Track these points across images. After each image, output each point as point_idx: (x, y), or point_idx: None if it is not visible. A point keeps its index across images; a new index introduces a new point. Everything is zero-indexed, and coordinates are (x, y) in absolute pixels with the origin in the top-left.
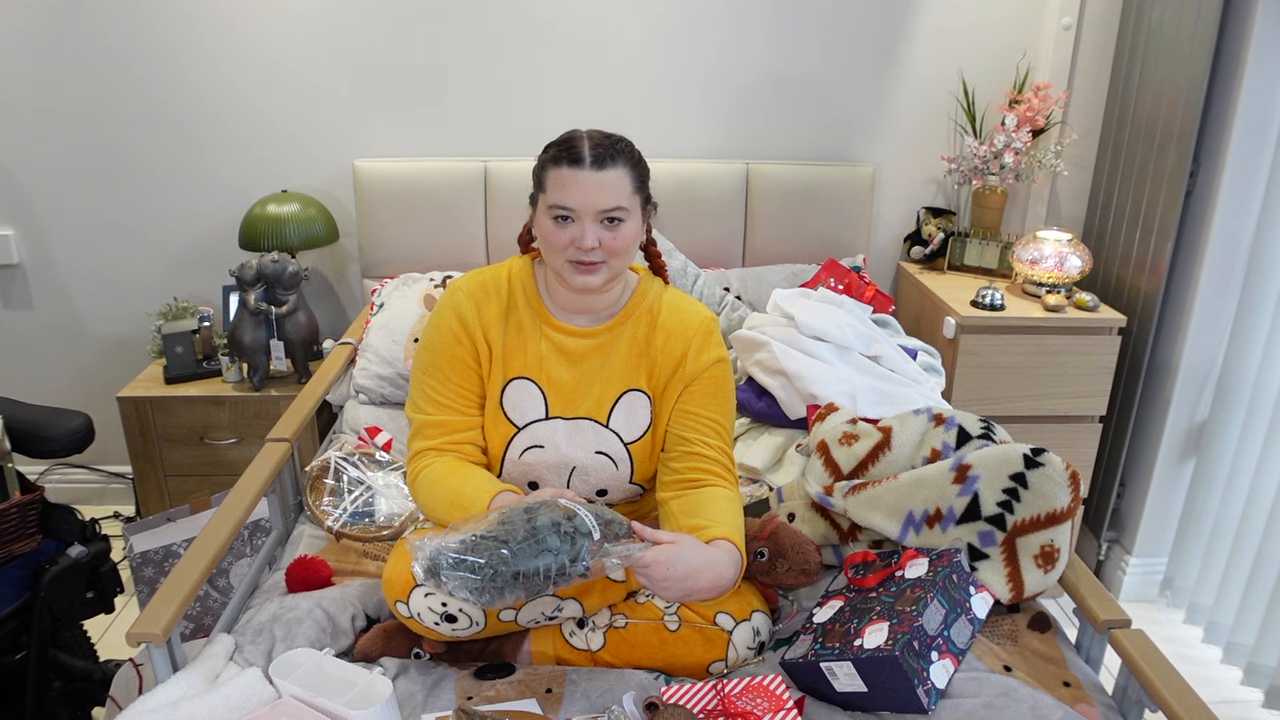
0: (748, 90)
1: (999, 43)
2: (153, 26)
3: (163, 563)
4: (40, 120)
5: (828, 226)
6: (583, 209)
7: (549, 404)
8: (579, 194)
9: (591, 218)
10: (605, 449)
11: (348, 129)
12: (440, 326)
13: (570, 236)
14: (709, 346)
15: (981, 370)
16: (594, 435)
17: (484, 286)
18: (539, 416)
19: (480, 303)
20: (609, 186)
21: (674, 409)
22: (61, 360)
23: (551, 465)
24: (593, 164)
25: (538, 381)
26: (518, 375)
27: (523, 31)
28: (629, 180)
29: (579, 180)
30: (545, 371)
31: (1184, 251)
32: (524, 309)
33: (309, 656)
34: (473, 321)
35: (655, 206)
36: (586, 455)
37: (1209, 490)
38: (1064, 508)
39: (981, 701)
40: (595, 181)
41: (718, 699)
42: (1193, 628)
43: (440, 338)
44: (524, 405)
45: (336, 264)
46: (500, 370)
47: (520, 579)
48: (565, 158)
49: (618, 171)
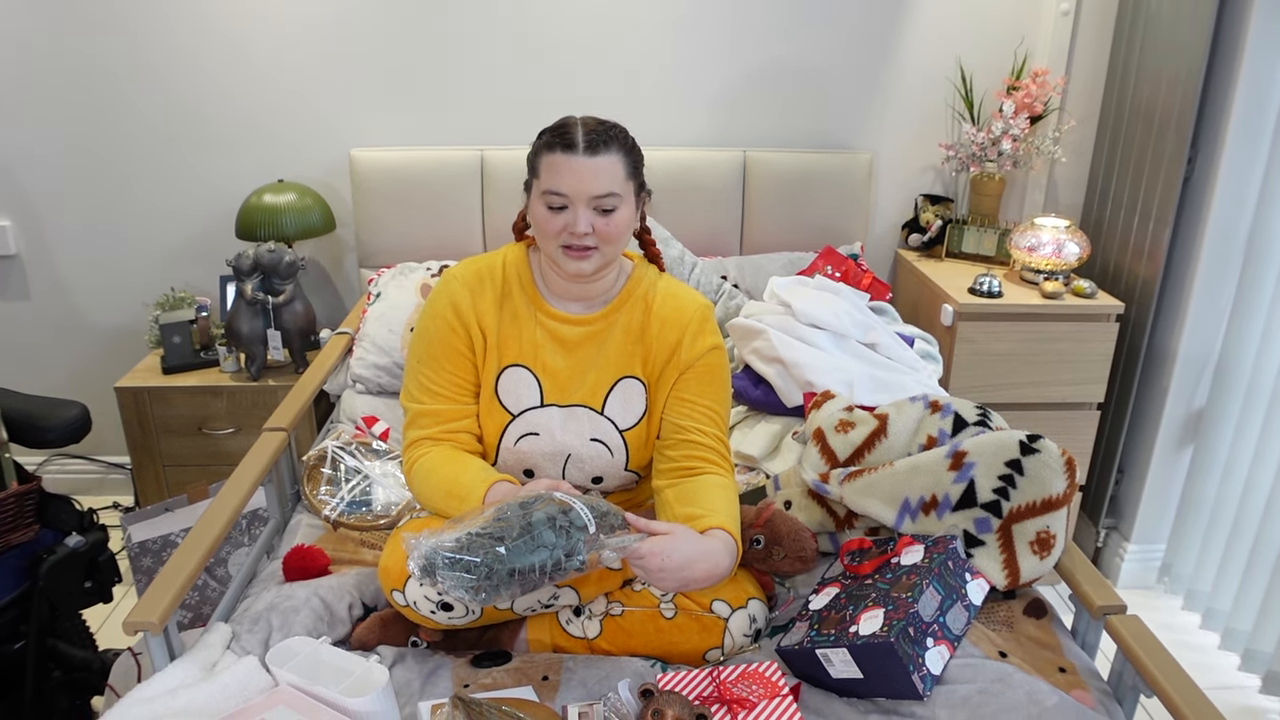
0: (745, 78)
1: (997, 29)
2: (151, 18)
3: (161, 552)
4: (37, 111)
5: (825, 214)
6: (576, 194)
7: (544, 391)
8: (572, 179)
9: (584, 203)
10: (600, 436)
11: (344, 118)
12: (435, 315)
13: (563, 222)
14: (704, 334)
15: (979, 357)
16: (589, 422)
17: (479, 274)
18: (534, 404)
19: (475, 291)
20: (602, 172)
21: (670, 396)
22: (59, 351)
23: (547, 453)
24: (586, 150)
25: (533, 369)
26: (513, 363)
27: (519, 19)
28: (622, 166)
29: (572, 166)
30: (540, 359)
31: (1182, 238)
32: (519, 296)
33: (306, 645)
34: (467, 310)
35: (649, 194)
36: (582, 442)
37: (1207, 477)
38: (1060, 494)
39: (977, 687)
40: (588, 167)
41: (714, 685)
42: (1191, 614)
43: (435, 326)
44: (519, 392)
45: (333, 254)
46: (495, 357)
47: (516, 576)
48: (559, 143)
49: (611, 157)
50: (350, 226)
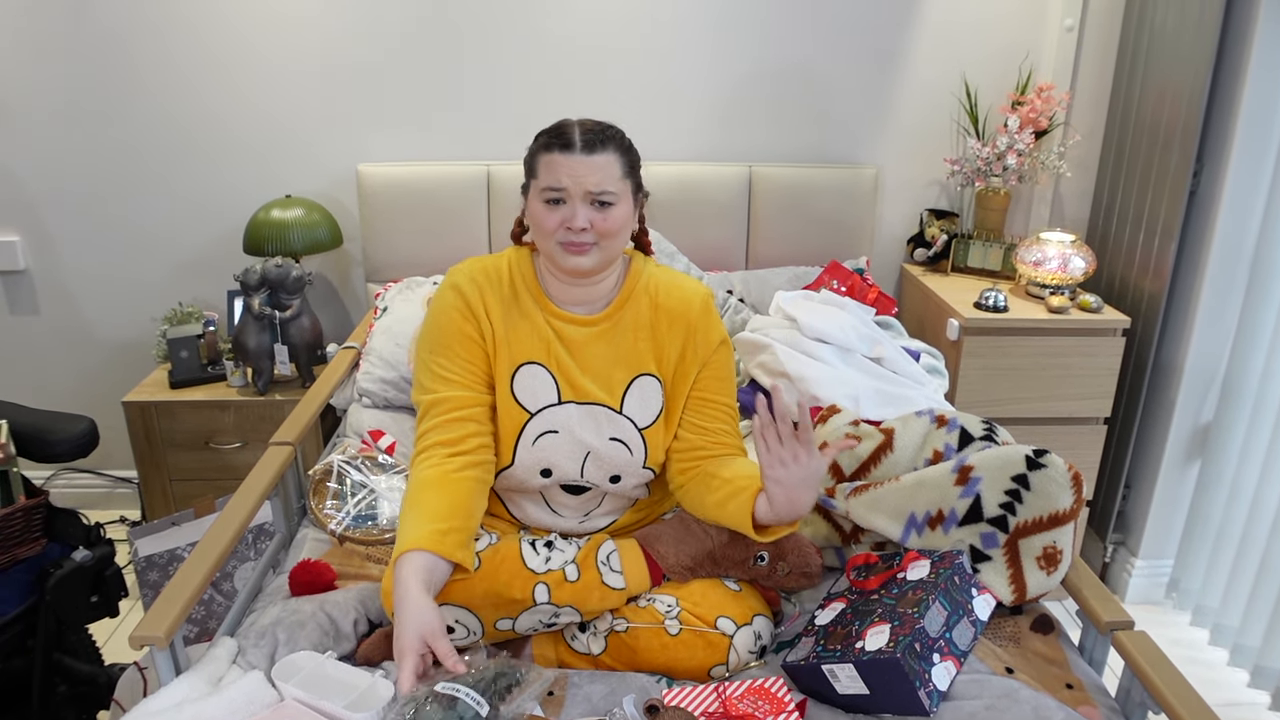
0: (750, 93)
1: (1001, 44)
2: (158, 34)
3: (167, 566)
4: (46, 127)
5: (830, 229)
6: (573, 189)
7: (560, 389)
8: (569, 176)
9: (581, 199)
10: (620, 435)
11: (351, 133)
12: (444, 306)
13: (561, 218)
14: (712, 325)
15: (985, 372)
16: (608, 421)
17: (485, 271)
18: (551, 401)
19: (482, 286)
20: (599, 169)
21: (690, 395)
22: (67, 365)
23: (566, 451)
24: (583, 148)
25: (548, 366)
26: (527, 360)
27: (524, 35)
28: (619, 165)
29: (569, 163)
30: (554, 355)
31: (1188, 252)
32: (525, 296)
33: (311, 660)
34: (475, 301)
35: (646, 195)
36: (601, 441)
37: (1214, 492)
38: (1066, 509)
39: (983, 703)
40: (585, 164)
41: (719, 701)
42: (1199, 629)
43: (446, 315)
44: (536, 390)
45: (340, 268)
46: (507, 355)
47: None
48: (556, 143)
49: (608, 156)
50: (357, 241)
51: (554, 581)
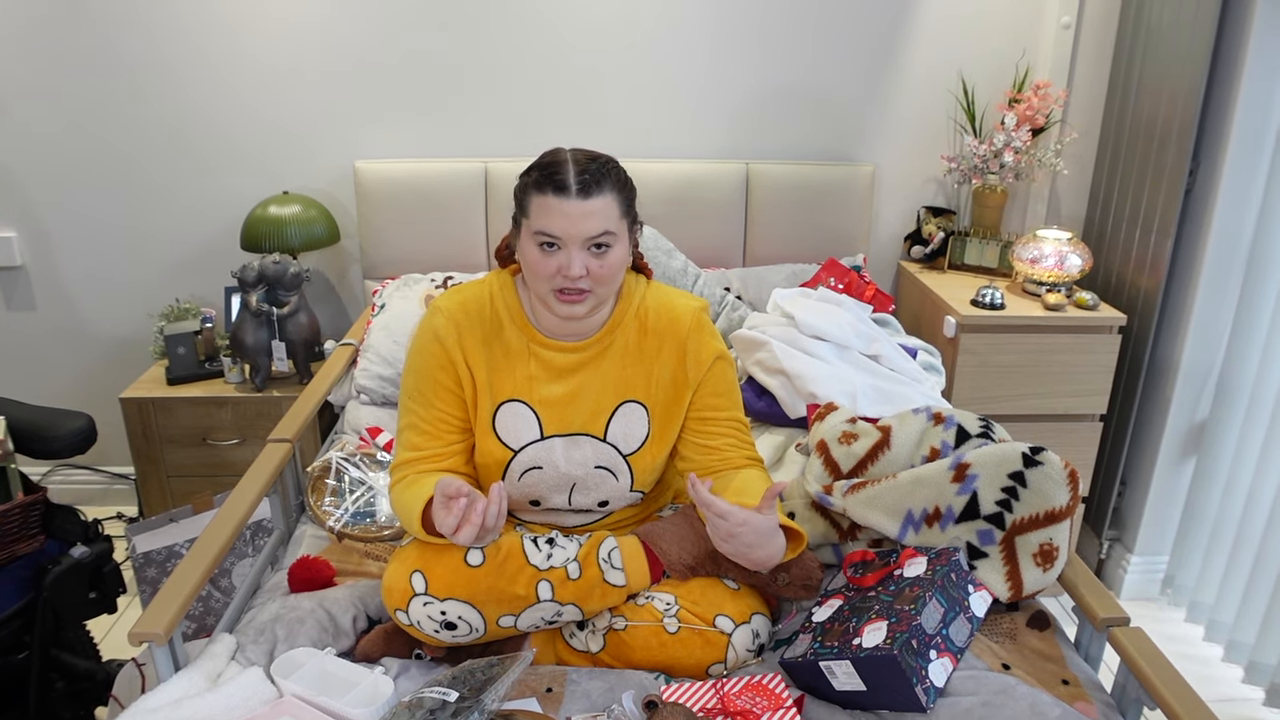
0: (747, 90)
1: (998, 42)
2: (154, 30)
3: (165, 563)
4: (43, 123)
5: (828, 226)
6: (569, 238)
7: (543, 424)
8: (564, 222)
9: (578, 245)
10: (605, 463)
11: (348, 130)
12: (422, 350)
13: (556, 264)
14: (705, 343)
15: (982, 369)
16: (592, 450)
17: (465, 308)
18: (534, 438)
19: (462, 327)
20: (596, 214)
21: (689, 418)
22: (64, 362)
23: (551, 484)
24: (579, 192)
25: (529, 403)
26: (508, 398)
27: (523, 32)
28: (616, 206)
29: (564, 210)
30: (536, 392)
31: (1184, 250)
32: (510, 329)
33: (310, 656)
34: (453, 346)
35: (641, 225)
36: (586, 471)
37: (1210, 488)
38: (1063, 506)
39: (980, 700)
40: (581, 210)
41: (717, 698)
42: (1194, 626)
43: (424, 362)
44: (518, 428)
45: (338, 265)
46: (488, 396)
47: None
48: (549, 185)
49: (605, 198)
50: (355, 238)
51: (557, 579)
